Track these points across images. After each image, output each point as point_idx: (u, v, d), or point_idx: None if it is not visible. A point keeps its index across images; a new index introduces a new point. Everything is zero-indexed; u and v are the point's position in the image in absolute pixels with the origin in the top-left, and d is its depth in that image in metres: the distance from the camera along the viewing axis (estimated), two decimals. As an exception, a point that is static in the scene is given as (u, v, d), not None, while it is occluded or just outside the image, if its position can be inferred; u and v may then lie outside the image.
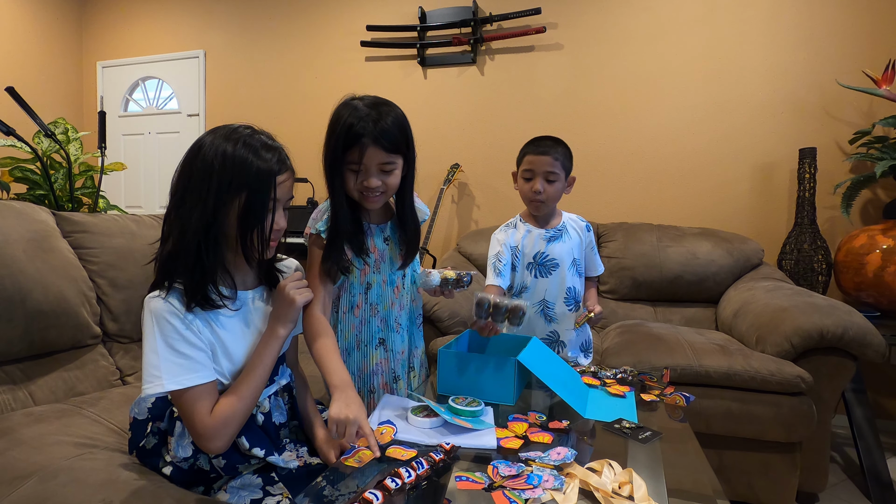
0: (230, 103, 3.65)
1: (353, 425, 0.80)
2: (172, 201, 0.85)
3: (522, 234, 1.57)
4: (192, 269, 0.84)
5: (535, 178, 1.48)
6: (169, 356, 0.81)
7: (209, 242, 0.83)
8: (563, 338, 1.56)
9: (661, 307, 2.41)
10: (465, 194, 3.11)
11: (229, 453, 0.89)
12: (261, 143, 0.86)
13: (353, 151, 1.00)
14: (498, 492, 0.69)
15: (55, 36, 3.88)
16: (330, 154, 1.03)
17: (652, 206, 2.79)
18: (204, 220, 0.82)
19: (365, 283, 1.13)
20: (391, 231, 1.16)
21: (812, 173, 2.37)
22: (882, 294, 2.09)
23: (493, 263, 1.55)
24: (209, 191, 0.82)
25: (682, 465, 0.85)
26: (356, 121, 0.99)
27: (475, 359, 1.09)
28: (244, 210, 0.84)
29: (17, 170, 2.54)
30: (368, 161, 1.01)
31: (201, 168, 0.83)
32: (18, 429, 1.00)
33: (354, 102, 1.02)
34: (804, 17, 2.55)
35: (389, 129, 1.00)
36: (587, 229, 1.60)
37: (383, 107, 1.02)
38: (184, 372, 0.81)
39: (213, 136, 0.85)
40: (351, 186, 1.04)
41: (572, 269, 1.54)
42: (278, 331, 0.91)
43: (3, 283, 1.15)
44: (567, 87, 2.92)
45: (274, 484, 0.90)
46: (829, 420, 1.72)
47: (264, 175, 0.84)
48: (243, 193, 0.83)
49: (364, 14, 3.28)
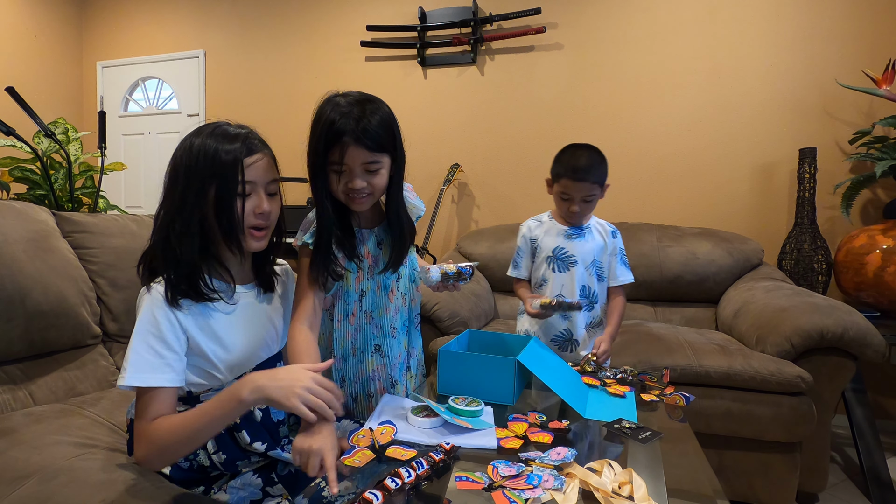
0: (230, 103, 3.65)
1: (315, 456, 0.73)
2: (160, 203, 0.88)
3: (545, 229, 1.59)
4: (177, 263, 0.84)
5: (572, 201, 1.47)
6: (142, 351, 0.81)
7: (190, 236, 0.84)
8: (577, 336, 1.56)
9: (661, 307, 2.41)
10: (465, 194, 3.11)
11: (230, 448, 0.89)
12: (223, 132, 0.87)
13: (335, 151, 0.95)
14: (498, 492, 0.69)
15: (55, 36, 3.88)
16: (311, 154, 0.99)
17: (652, 206, 2.79)
18: (183, 214, 0.84)
19: (360, 291, 1.10)
20: (384, 234, 1.12)
21: (812, 173, 2.37)
22: (882, 294, 2.09)
23: (514, 255, 1.63)
24: (184, 186, 0.84)
25: (682, 465, 0.85)
26: (338, 117, 0.94)
27: (475, 359, 1.09)
28: (217, 199, 0.84)
29: (17, 170, 2.54)
30: (351, 161, 0.96)
31: (175, 166, 0.86)
32: (18, 429, 1.00)
33: (337, 99, 0.98)
34: (804, 17, 2.55)
35: (373, 127, 0.94)
36: (613, 235, 1.58)
37: (368, 104, 0.97)
38: (149, 370, 0.80)
39: (188, 134, 0.88)
40: (335, 188, 0.99)
41: (590, 268, 1.55)
42: (244, 395, 0.75)
43: (3, 283, 1.15)
44: (567, 87, 2.92)
45: (273, 485, 0.90)
46: (829, 420, 1.72)
47: (229, 162, 0.84)
48: (213, 183, 0.84)
49: (364, 14, 3.28)
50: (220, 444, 0.89)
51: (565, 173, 1.45)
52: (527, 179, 3.00)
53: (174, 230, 0.84)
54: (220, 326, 0.90)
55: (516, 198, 3.03)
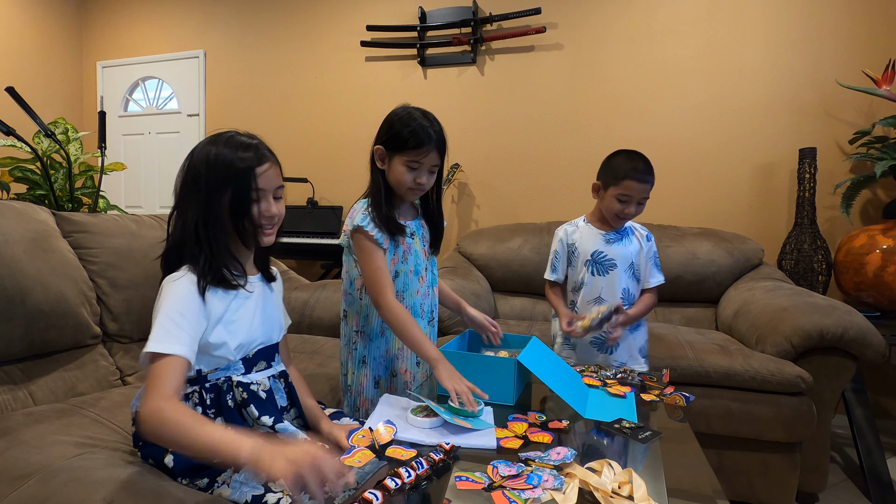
0: (230, 103, 3.65)
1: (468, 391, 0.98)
2: (174, 203, 0.97)
3: (583, 233, 1.62)
4: (198, 256, 0.92)
5: (630, 202, 1.50)
6: (164, 323, 0.85)
7: (208, 233, 0.93)
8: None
9: (661, 307, 2.41)
10: (465, 194, 3.12)
11: (236, 424, 0.91)
12: (238, 142, 0.95)
13: (421, 150, 1.16)
14: (498, 492, 0.69)
15: (55, 36, 3.89)
16: (392, 144, 1.18)
17: (652, 206, 2.77)
18: (201, 215, 0.92)
19: (393, 272, 1.24)
20: (416, 227, 1.29)
21: (812, 173, 2.37)
22: (882, 294, 2.10)
23: (550, 259, 1.68)
24: (200, 190, 0.92)
25: (682, 465, 0.85)
26: (428, 124, 1.17)
27: (475, 359, 1.09)
28: (233, 203, 0.93)
29: (17, 170, 2.54)
30: (427, 161, 1.19)
31: (191, 171, 0.94)
32: (18, 429, 1.00)
33: (414, 111, 1.19)
34: (804, 17, 2.55)
35: (444, 140, 1.21)
36: (648, 238, 1.60)
37: (437, 120, 1.22)
38: (168, 339, 0.84)
39: (203, 142, 0.96)
40: (404, 178, 1.19)
41: (629, 271, 1.56)
42: (242, 454, 0.70)
43: (3, 283, 1.15)
44: (567, 87, 2.92)
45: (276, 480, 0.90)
46: (829, 420, 1.72)
47: (244, 171, 0.93)
48: (229, 189, 0.92)
49: (364, 14, 3.28)
50: (230, 421, 0.93)
51: (631, 174, 1.48)
52: (527, 179, 3.00)
53: (202, 227, 0.92)
54: (238, 311, 0.97)
55: (516, 198, 3.03)
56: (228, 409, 0.94)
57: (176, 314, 0.87)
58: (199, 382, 0.95)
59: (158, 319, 0.86)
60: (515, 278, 2.51)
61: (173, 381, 0.82)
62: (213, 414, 0.94)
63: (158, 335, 0.84)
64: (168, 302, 0.88)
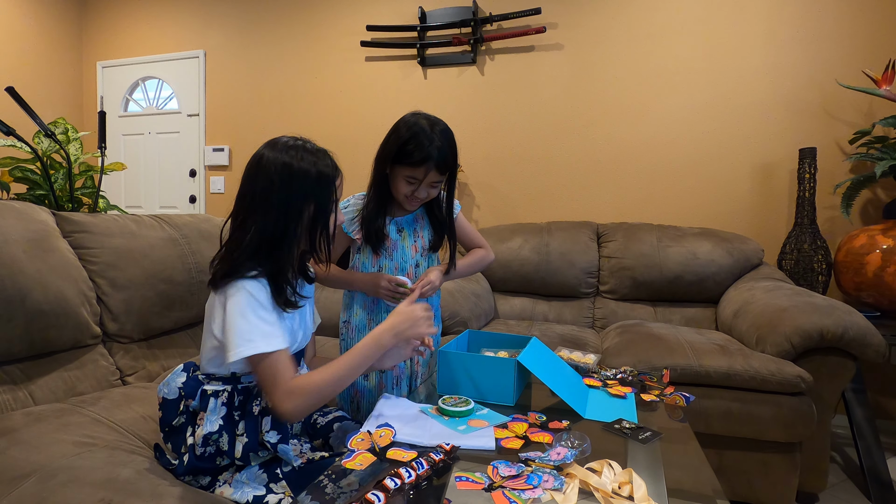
0: (230, 103, 3.65)
1: None
2: (234, 210, 0.93)
3: None
4: (263, 265, 0.91)
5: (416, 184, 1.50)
6: (259, 324, 0.87)
7: (283, 247, 0.91)
8: None
9: (661, 307, 2.41)
10: (465, 194, 3.11)
11: (252, 433, 0.92)
12: (315, 149, 0.94)
13: (419, 169, 1.17)
14: (498, 492, 0.69)
15: (55, 36, 3.88)
16: (393, 156, 1.18)
17: (652, 206, 2.79)
18: (274, 225, 0.90)
19: (377, 266, 1.28)
20: (406, 224, 1.31)
21: (812, 173, 2.37)
22: (882, 294, 2.09)
23: None
24: (275, 200, 0.89)
25: (682, 465, 0.85)
26: (429, 143, 1.15)
27: (475, 359, 1.09)
28: (314, 216, 0.93)
29: (17, 170, 2.53)
30: (427, 179, 1.19)
31: (263, 180, 0.90)
32: (18, 428, 1.00)
33: (423, 123, 1.17)
34: (804, 17, 2.55)
35: (449, 157, 1.19)
36: None
37: (447, 133, 1.19)
38: (271, 337, 0.86)
39: (270, 150, 0.92)
40: (404, 191, 1.21)
41: None
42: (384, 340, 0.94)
43: (3, 283, 1.15)
44: (567, 87, 2.92)
45: (277, 481, 0.90)
46: (829, 420, 1.72)
47: (327, 181, 0.93)
48: (312, 201, 0.92)
49: (364, 14, 3.28)
50: (249, 430, 0.93)
51: None
52: (527, 179, 3.00)
53: (271, 238, 0.90)
54: (287, 317, 0.97)
55: (516, 198, 3.03)
56: (252, 415, 0.93)
57: (263, 311, 0.88)
58: (231, 383, 0.95)
59: (239, 323, 0.86)
60: (515, 278, 2.52)
61: (289, 370, 0.86)
62: (238, 416, 0.94)
63: (251, 335, 0.85)
64: (251, 301, 0.88)
